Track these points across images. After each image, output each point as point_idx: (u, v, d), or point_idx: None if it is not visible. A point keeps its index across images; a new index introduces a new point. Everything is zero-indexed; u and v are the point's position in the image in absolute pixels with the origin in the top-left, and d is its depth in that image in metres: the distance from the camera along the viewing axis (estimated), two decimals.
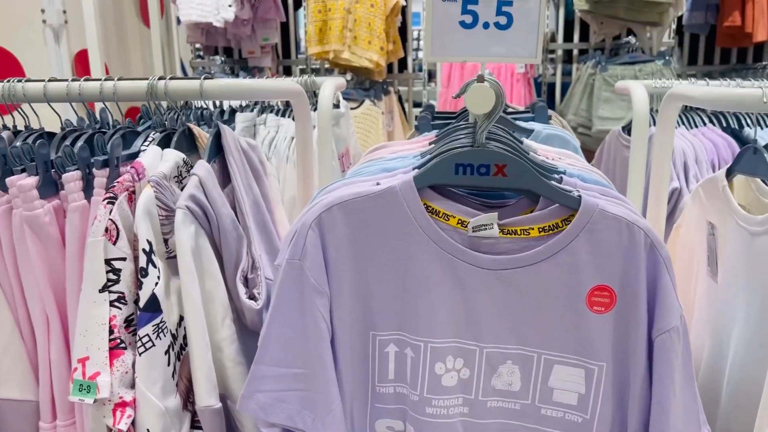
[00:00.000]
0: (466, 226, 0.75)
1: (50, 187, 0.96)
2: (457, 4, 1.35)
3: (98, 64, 2.88)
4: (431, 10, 1.35)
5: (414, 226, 0.76)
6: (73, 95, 1.04)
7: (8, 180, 0.93)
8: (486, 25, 1.35)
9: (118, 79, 1.04)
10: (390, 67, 3.26)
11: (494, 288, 0.77)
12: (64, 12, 2.79)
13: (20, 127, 1.12)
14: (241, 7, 2.88)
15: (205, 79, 1.05)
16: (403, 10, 3.16)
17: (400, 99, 3.42)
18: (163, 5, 3.45)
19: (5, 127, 1.11)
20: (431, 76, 3.66)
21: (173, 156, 1.00)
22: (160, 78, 1.02)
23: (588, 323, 0.77)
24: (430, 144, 1.09)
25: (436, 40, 1.35)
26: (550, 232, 0.76)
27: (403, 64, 3.47)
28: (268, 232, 1.10)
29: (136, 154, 1.01)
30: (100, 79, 1.05)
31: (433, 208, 0.76)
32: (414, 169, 0.83)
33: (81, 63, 2.93)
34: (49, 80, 1.06)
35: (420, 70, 3.38)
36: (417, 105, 3.53)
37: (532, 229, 0.77)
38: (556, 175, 0.83)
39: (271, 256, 1.08)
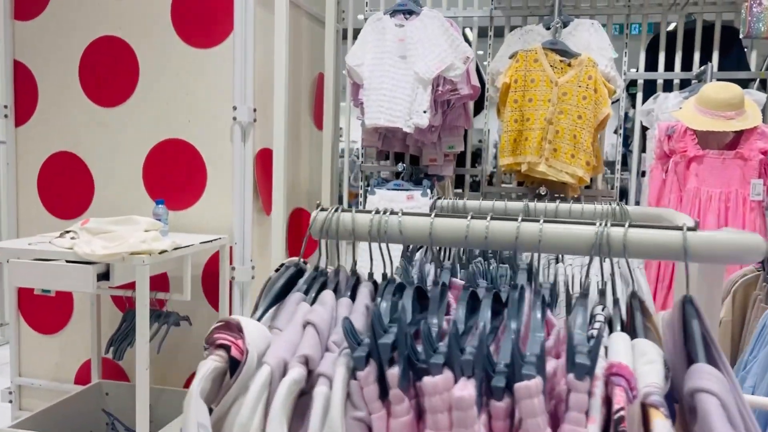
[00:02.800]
0: None
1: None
2: None
3: (281, 163, 2.74)
4: None
5: None
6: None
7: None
8: None
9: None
10: None
11: None
12: (255, 110, 2.69)
13: None
14: (434, 113, 2.69)
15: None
16: None
17: None
18: (337, 109, 3.35)
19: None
20: (623, 194, 3.31)
21: (654, 353, 0.64)
22: (614, 225, 0.70)
23: None
24: None
25: None
26: None
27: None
28: None
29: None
30: (536, 220, 0.73)
31: None
32: None
33: (261, 161, 2.81)
34: (472, 218, 0.76)
35: (612, 187, 3.05)
36: None
37: None
38: None
39: None
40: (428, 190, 2.76)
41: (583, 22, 2.81)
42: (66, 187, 2.87)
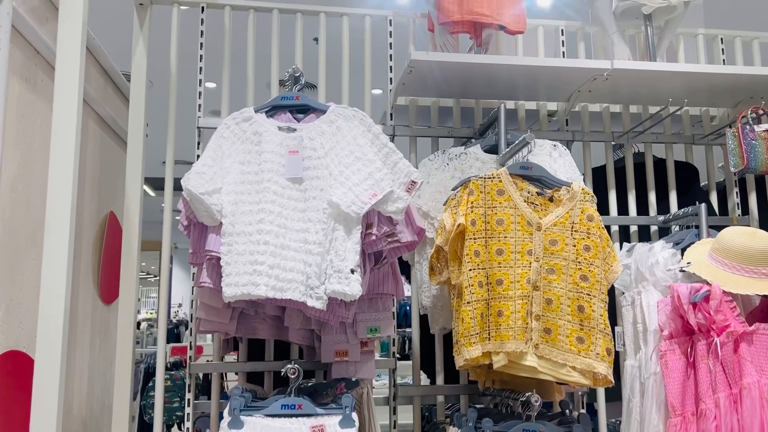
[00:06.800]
0: None
1: None
2: None
3: (55, 385, 1.30)
4: None
5: None
6: None
7: None
8: None
9: None
10: None
11: None
12: None
13: None
14: (363, 274, 1.54)
15: None
16: None
17: None
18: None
19: None
20: None
21: None
22: None
23: None
24: None
25: None
26: None
27: None
28: None
29: None
30: None
31: None
32: None
33: (9, 380, 1.33)
34: None
35: None
36: None
37: None
38: None
39: None
40: (352, 414, 1.52)
41: (543, 144, 2.00)
42: None
